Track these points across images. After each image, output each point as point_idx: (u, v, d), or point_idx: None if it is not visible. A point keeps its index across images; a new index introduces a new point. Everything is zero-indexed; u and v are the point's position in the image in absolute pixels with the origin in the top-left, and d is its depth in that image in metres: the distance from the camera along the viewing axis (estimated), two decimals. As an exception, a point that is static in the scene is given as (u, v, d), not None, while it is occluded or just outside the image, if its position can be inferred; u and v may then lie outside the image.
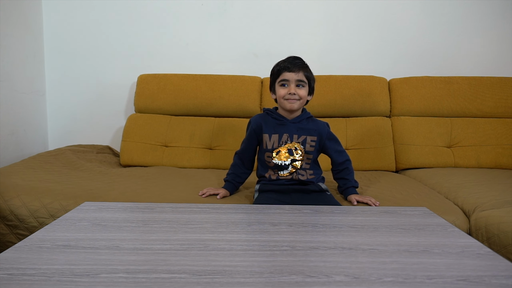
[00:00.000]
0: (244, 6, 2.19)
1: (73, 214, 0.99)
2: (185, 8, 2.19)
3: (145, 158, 1.94)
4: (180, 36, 2.21)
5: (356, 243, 0.82)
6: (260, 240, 0.83)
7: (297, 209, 1.06)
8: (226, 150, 1.93)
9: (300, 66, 1.31)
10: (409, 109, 2.02)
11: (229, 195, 1.41)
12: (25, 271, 0.67)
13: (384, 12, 2.18)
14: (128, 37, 2.22)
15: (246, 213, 1.04)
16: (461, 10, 2.17)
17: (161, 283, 0.64)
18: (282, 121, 1.37)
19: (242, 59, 2.22)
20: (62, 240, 0.81)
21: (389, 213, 1.04)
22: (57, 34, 2.21)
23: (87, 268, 0.68)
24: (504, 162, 1.89)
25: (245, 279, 0.65)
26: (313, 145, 1.36)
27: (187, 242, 0.81)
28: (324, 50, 2.21)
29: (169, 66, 2.20)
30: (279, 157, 1.35)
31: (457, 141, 1.97)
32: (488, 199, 1.35)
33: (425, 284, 0.65)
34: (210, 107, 2.03)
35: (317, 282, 0.65)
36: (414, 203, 1.35)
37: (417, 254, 0.77)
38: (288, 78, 1.31)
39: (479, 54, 2.20)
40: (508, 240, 1.12)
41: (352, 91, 2.01)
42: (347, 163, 1.42)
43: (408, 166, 1.95)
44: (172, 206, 1.08)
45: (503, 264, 0.72)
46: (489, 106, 2.00)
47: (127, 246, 0.79)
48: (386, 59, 2.21)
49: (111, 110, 2.27)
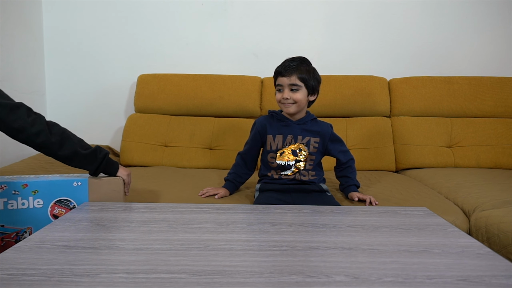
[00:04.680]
0: (244, 6, 2.19)
1: (73, 214, 0.99)
2: (185, 8, 2.19)
3: (145, 158, 1.94)
4: (180, 36, 2.21)
5: (356, 243, 0.82)
6: (260, 240, 0.83)
7: (297, 209, 1.06)
8: (226, 150, 1.93)
9: (294, 69, 1.28)
10: (409, 109, 2.02)
11: (229, 195, 1.41)
12: (25, 271, 0.67)
13: (384, 12, 2.18)
14: (128, 37, 2.22)
15: (246, 213, 1.04)
16: (461, 10, 2.17)
17: (161, 283, 0.64)
18: (287, 122, 1.37)
19: (242, 59, 2.22)
20: (62, 240, 0.81)
21: (389, 213, 1.04)
22: (57, 34, 2.21)
23: (87, 268, 0.68)
24: (504, 162, 1.89)
25: (245, 279, 0.65)
26: (316, 147, 1.37)
27: (187, 242, 0.81)
28: (324, 50, 2.21)
29: (169, 66, 2.20)
30: (282, 158, 1.35)
31: (457, 141, 1.97)
32: (488, 199, 1.35)
33: (425, 284, 0.64)
34: (210, 107, 2.03)
35: (317, 282, 0.65)
36: (414, 203, 1.35)
37: (417, 254, 0.77)
38: (281, 83, 1.31)
39: (479, 54, 2.20)
40: (508, 240, 1.12)
41: (352, 91, 2.01)
42: (351, 162, 1.43)
43: (408, 166, 1.95)
44: (172, 206, 1.08)
45: (503, 264, 0.72)
46: (489, 106, 2.00)
47: (127, 246, 0.79)
48: (386, 59, 2.21)
49: (111, 110, 2.27)
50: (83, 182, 1.10)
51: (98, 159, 1.10)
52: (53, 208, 1.08)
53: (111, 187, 1.14)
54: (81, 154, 1.06)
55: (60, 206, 1.09)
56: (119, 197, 1.14)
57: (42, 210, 1.07)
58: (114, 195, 1.14)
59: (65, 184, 1.09)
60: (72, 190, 1.09)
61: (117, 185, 1.14)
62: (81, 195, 1.10)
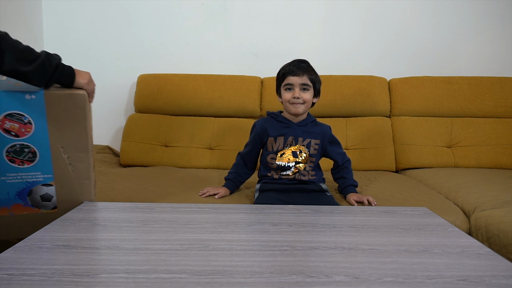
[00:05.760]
0: (244, 6, 2.19)
1: (73, 214, 0.99)
2: (185, 8, 2.19)
3: (145, 158, 1.94)
4: (180, 36, 2.21)
5: (356, 243, 0.82)
6: (260, 240, 0.83)
7: (297, 209, 1.06)
8: (226, 150, 1.93)
9: (305, 70, 1.31)
10: (409, 109, 2.02)
11: (229, 194, 1.41)
12: (25, 271, 0.67)
13: (384, 12, 2.18)
14: (128, 37, 2.22)
15: (246, 213, 1.04)
16: (461, 10, 2.17)
17: (161, 283, 0.64)
18: (288, 124, 1.37)
19: (242, 59, 2.22)
20: (62, 240, 0.81)
21: (389, 213, 1.04)
22: (57, 34, 2.21)
23: (87, 268, 0.68)
24: (504, 162, 1.89)
25: (245, 279, 0.65)
26: (316, 148, 1.37)
27: (187, 242, 0.81)
28: (324, 50, 2.21)
29: (169, 66, 2.20)
30: (282, 159, 1.36)
31: (457, 141, 1.97)
32: (488, 199, 1.35)
33: (425, 284, 0.65)
34: (210, 107, 2.03)
35: (317, 282, 0.65)
36: (414, 203, 1.35)
37: (417, 254, 0.77)
38: (293, 82, 1.31)
39: (479, 54, 2.20)
40: (508, 240, 1.12)
41: (352, 91, 2.01)
42: (347, 163, 1.43)
43: (408, 166, 1.95)
44: (172, 206, 1.08)
45: (503, 264, 0.72)
46: (489, 106, 2.00)
47: (127, 246, 0.79)
48: (386, 59, 2.21)
49: (111, 110, 2.27)
50: (38, 96, 0.93)
51: (48, 73, 0.92)
52: (3, 122, 0.94)
53: (73, 102, 0.98)
54: (22, 72, 0.89)
55: (12, 121, 0.94)
56: (84, 118, 1.01)
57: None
58: (77, 112, 0.99)
59: (14, 97, 0.92)
60: (25, 104, 0.93)
61: (80, 100, 0.98)
62: (36, 110, 0.95)
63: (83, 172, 1.06)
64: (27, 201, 1.02)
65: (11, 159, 0.97)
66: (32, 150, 0.98)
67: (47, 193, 1.04)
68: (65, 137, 1.02)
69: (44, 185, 1.03)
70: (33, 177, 1.01)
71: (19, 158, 0.98)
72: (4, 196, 0.99)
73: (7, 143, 0.95)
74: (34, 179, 1.01)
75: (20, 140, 0.96)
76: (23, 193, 1.01)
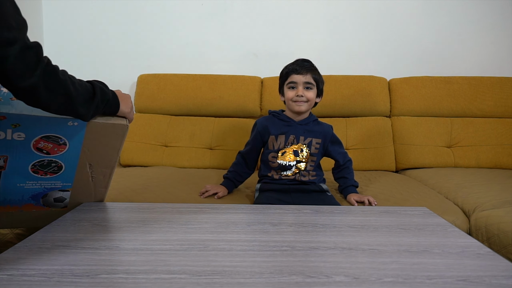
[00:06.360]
0: (244, 6, 2.18)
1: (73, 214, 0.98)
2: (185, 8, 2.19)
3: (145, 158, 1.94)
4: (180, 36, 2.21)
5: (356, 243, 0.82)
6: (260, 240, 0.83)
7: (297, 209, 1.06)
8: (226, 150, 1.93)
9: (308, 69, 1.32)
10: (409, 109, 2.02)
11: (228, 194, 1.41)
12: (25, 272, 0.67)
13: (384, 12, 2.18)
14: (128, 37, 2.22)
15: (246, 213, 1.04)
16: (461, 10, 2.17)
17: (161, 283, 0.64)
18: (289, 122, 1.37)
19: (242, 59, 2.22)
20: (62, 241, 0.81)
21: (389, 213, 1.04)
22: (57, 34, 2.21)
23: (87, 268, 0.68)
24: (504, 162, 1.89)
25: (245, 279, 0.65)
26: (317, 147, 1.37)
27: (187, 242, 0.81)
28: (324, 50, 2.21)
29: (169, 66, 2.20)
30: (283, 158, 1.35)
31: (457, 141, 1.97)
32: (488, 199, 1.35)
33: (425, 284, 0.64)
34: (210, 107, 2.03)
35: (317, 283, 0.65)
36: (414, 203, 1.35)
37: (417, 254, 0.77)
38: (296, 80, 1.32)
39: (479, 54, 2.20)
40: (508, 240, 1.12)
41: (352, 91, 2.01)
42: (348, 163, 1.43)
43: (408, 166, 1.95)
44: (172, 206, 1.08)
45: (503, 264, 0.72)
46: (489, 106, 2.00)
47: (127, 246, 0.79)
48: (386, 59, 2.21)
49: (111, 110, 2.27)
50: (80, 123, 0.91)
51: (99, 110, 0.90)
52: (37, 142, 0.91)
53: (114, 131, 0.96)
54: (77, 113, 0.85)
55: (47, 142, 0.92)
56: (120, 143, 0.99)
57: (23, 142, 0.89)
58: (115, 139, 0.97)
59: (56, 122, 0.89)
60: (65, 129, 0.91)
61: (121, 129, 0.96)
62: (75, 135, 0.93)
63: (102, 182, 1.07)
64: (40, 202, 1.02)
65: (35, 171, 0.96)
66: (59, 164, 0.97)
67: (61, 196, 1.04)
68: (96, 157, 1.00)
69: (61, 190, 1.03)
70: (52, 184, 1.00)
71: (43, 170, 0.97)
72: (18, 198, 0.99)
73: (36, 159, 0.94)
74: (53, 186, 1.00)
75: (50, 157, 0.95)
76: (37, 196, 1.01)
